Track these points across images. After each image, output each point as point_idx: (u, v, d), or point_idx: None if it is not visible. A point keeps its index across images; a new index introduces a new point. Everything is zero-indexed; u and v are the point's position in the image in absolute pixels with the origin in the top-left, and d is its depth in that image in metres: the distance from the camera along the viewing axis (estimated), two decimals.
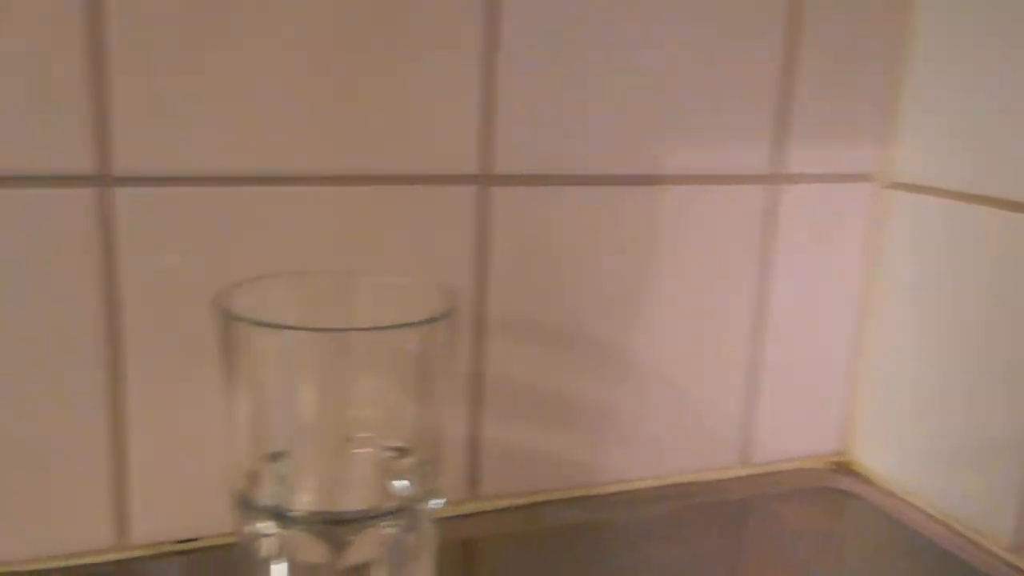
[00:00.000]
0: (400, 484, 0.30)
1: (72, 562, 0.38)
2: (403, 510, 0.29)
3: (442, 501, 0.31)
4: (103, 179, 0.35)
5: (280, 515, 0.28)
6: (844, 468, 0.51)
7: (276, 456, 0.30)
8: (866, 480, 0.49)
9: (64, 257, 0.35)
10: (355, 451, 0.30)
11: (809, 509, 0.47)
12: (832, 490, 0.49)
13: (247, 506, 0.29)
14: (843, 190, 0.48)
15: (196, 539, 0.40)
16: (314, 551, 0.28)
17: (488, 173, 0.41)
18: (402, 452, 0.31)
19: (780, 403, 0.49)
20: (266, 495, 0.29)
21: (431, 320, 0.28)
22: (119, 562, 0.38)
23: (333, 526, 0.28)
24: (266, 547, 0.28)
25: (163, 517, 0.39)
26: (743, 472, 0.49)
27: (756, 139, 0.45)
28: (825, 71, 0.45)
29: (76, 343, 0.36)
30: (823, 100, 0.46)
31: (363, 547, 0.29)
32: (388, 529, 0.29)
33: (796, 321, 0.48)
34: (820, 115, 0.46)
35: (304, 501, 0.29)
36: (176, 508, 0.39)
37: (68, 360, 0.36)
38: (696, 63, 0.43)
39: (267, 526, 0.28)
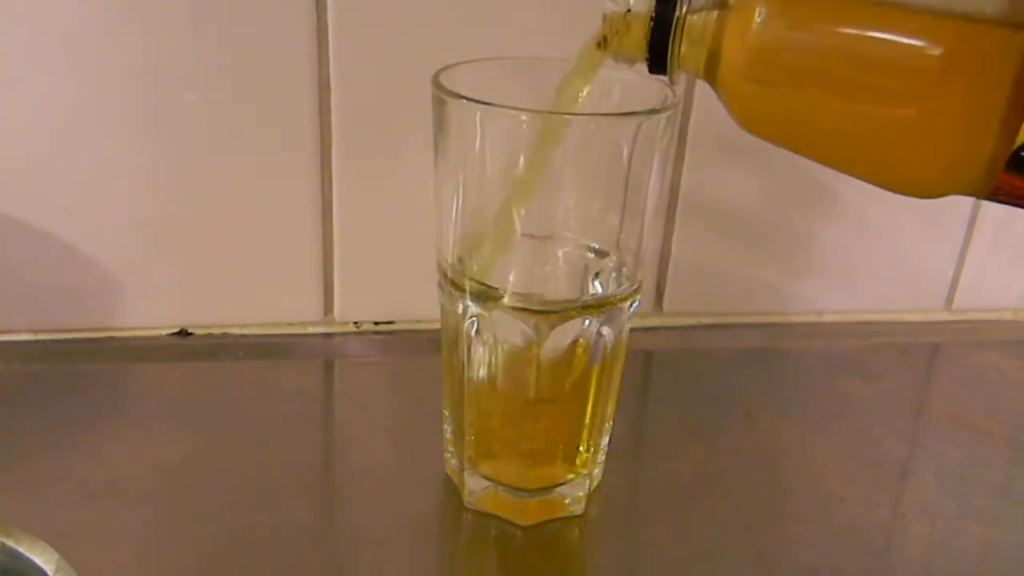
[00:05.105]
0: (599, 283, 0.30)
1: (283, 331, 0.41)
2: (603, 306, 0.29)
3: (638, 303, 0.31)
4: None
5: (485, 295, 0.29)
6: None
7: (480, 245, 0.30)
8: None
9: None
10: (556, 248, 0.30)
11: (1010, 361, 0.44)
12: None
13: (454, 284, 0.29)
14: None
15: (392, 322, 0.42)
16: (515, 334, 0.29)
17: None
18: (601, 254, 0.30)
19: (994, 251, 0.45)
20: (471, 277, 0.29)
21: (651, 112, 0.27)
22: (325, 336, 0.41)
23: (536, 311, 0.28)
24: (468, 328, 0.29)
25: (363, 299, 0.41)
26: (946, 317, 0.46)
27: None
28: None
29: (292, 124, 0.37)
30: None
31: (562, 337, 0.29)
32: (587, 322, 0.29)
33: None
34: None
35: (507, 287, 0.29)
36: (375, 292, 0.41)
37: (285, 138, 0.38)
38: None
39: (472, 306, 0.29)
